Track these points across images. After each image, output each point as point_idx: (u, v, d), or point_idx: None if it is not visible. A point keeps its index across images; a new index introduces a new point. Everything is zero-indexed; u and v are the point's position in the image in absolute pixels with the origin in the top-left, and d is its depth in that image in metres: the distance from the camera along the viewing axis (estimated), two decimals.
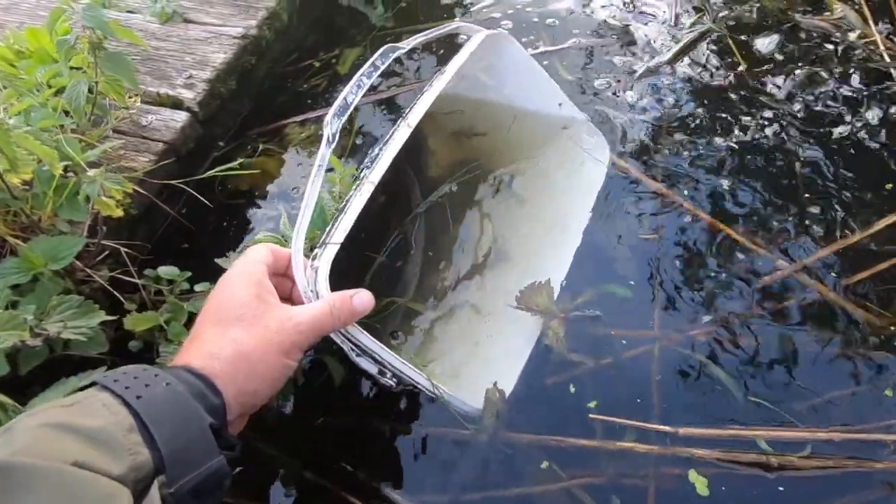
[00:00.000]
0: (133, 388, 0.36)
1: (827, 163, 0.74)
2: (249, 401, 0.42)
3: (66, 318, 0.48)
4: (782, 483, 0.52)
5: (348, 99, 0.51)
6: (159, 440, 0.34)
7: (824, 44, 0.88)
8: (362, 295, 0.48)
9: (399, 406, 0.59)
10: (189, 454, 0.35)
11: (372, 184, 0.51)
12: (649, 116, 0.80)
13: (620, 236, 0.69)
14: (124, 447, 0.33)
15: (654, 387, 0.57)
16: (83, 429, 0.32)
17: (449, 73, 0.58)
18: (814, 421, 0.55)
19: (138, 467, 0.33)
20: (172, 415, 0.36)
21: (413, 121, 0.55)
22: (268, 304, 0.45)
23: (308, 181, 0.49)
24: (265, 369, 0.42)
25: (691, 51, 0.88)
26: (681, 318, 0.62)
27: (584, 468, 0.53)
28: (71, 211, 0.56)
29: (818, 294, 0.63)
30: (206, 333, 0.43)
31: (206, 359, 0.41)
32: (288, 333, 0.43)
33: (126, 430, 0.34)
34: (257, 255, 0.48)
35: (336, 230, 0.49)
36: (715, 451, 0.53)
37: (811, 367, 0.58)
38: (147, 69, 0.77)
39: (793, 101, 0.81)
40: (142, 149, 0.69)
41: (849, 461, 0.52)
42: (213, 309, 0.44)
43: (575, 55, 0.89)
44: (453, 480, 0.54)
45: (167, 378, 0.37)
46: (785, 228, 0.69)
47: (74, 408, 0.34)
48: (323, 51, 0.93)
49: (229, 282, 0.46)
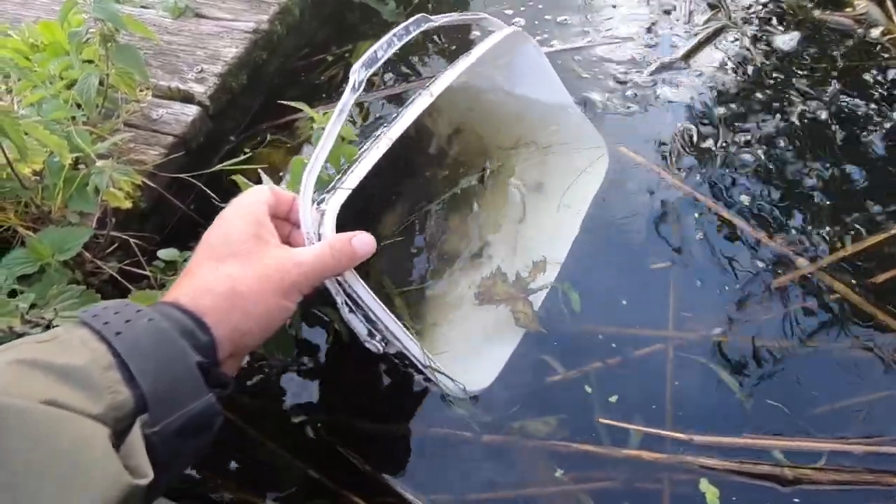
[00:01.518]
0: (112, 323, 0.34)
1: (848, 162, 0.72)
2: (243, 340, 0.40)
3: (65, 307, 0.48)
4: (798, 496, 0.50)
5: (378, 53, 0.51)
6: (140, 378, 0.32)
7: (845, 40, 0.85)
8: (362, 237, 0.45)
9: (402, 404, 0.58)
10: (174, 393, 0.33)
11: (390, 140, 0.50)
12: (663, 113, 0.79)
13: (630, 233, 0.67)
14: (102, 385, 0.31)
15: (668, 391, 0.56)
16: (57, 366, 0.30)
17: (474, 55, 0.58)
18: (831, 430, 0.53)
19: (118, 406, 0.31)
20: (155, 352, 0.33)
21: (436, 90, 0.55)
22: (267, 242, 0.42)
23: (327, 126, 0.48)
24: (262, 309, 0.40)
25: (706, 48, 0.86)
26: (693, 316, 0.60)
27: (592, 471, 0.52)
28: (80, 202, 0.56)
29: (839, 295, 0.61)
30: (198, 269, 0.40)
31: (197, 294, 0.38)
32: (288, 272, 0.41)
33: (104, 367, 0.32)
34: (258, 194, 0.45)
35: (348, 177, 0.48)
36: (727, 462, 0.51)
37: (829, 372, 0.56)
38: (159, 63, 0.77)
39: (812, 98, 0.79)
40: (152, 142, 0.69)
41: (868, 475, 0.50)
42: (207, 245, 0.42)
43: (588, 53, 0.87)
44: (458, 479, 0.53)
45: (150, 314, 0.35)
46: (803, 227, 0.67)
47: (50, 344, 0.32)
48: (335, 46, 0.93)
49: (227, 218, 0.43)
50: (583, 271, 0.65)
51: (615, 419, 0.54)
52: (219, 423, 0.36)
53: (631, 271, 0.65)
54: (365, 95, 0.85)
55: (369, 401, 0.59)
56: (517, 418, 0.55)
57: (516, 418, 0.55)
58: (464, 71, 0.57)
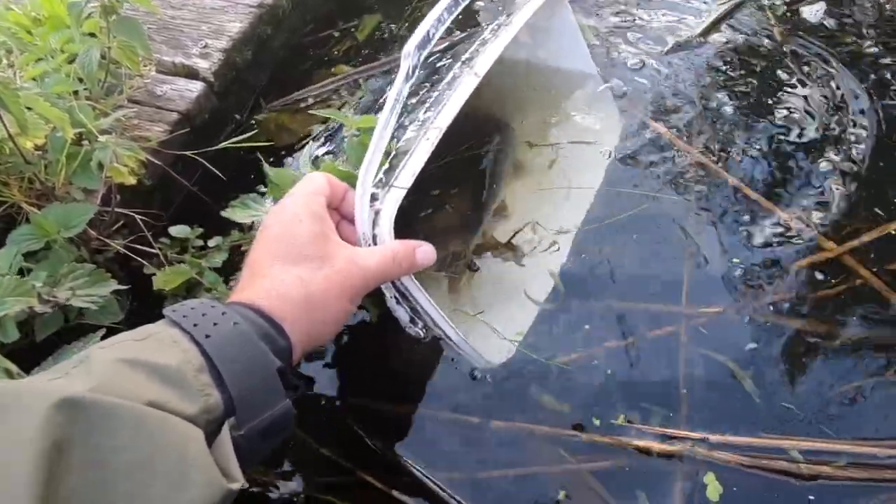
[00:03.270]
0: (202, 325, 0.35)
1: (873, 142, 0.69)
2: (311, 343, 0.41)
3: (77, 287, 0.47)
4: (813, 492, 0.48)
5: (431, 32, 0.48)
6: (228, 382, 0.33)
7: (878, 12, 0.81)
8: (426, 249, 0.46)
9: (416, 387, 0.57)
10: (257, 396, 0.34)
11: (439, 129, 0.48)
12: (682, 88, 0.76)
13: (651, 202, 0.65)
14: (195, 387, 0.32)
15: (680, 383, 0.54)
16: (157, 367, 0.31)
17: (516, 25, 0.55)
18: (849, 430, 0.50)
19: (210, 409, 0.32)
20: (240, 356, 0.34)
21: (481, 70, 0.52)
22: (333, 243, 0.43)
23: (381, 116, 0.46)
24: (329, 314, 0.41)
25: (726, 21, 0.83)
26: (707, 298, 0.59)
27: (599, 456, 0.51)
28: (84, 178, 0.55)
29: (862, 280, 0.59)
30: (269, 269, 0.41)
31: (275, 300, 0.39)
32: (354, 278, 0.42)
33: (196, 369, 0.33)
34: (317, 185, 0.45)
35: (402, 173, 0.46)
36: (738, 455, 0.49)
37: (850, 363, 0.54)
38: (162, 38, 0.76)
39: (838, 75, 0.75)
40: (156, 118, 0.68)
41: (889, 471, 0.48)
42: (273, 242, 0.42)
43: (604, 24, 0.84)
44: (470, 460, 0.52)
45: (234, 317, 0.36)
46: (827, 206, 0.64)
47: (147, 343, 0.33)
48: (341, 20, 0.90)
49: (291, 213, 0.43)
50: (595, 241, 0.63)
51: (628, 404, 0.53)
52: (293, 425, 0.37)
53: (642, 245, 0.63)
54: (357, 72, 0.83)
55: (385, 383, 0.58)
56: (530, 399, 0.54)
57: (529, 399, 0.54)
58: (508, 43, 0.54)
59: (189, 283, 0.56)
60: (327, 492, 0.53)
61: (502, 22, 0.58)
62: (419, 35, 0.47)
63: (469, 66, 0.52)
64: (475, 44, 0.57)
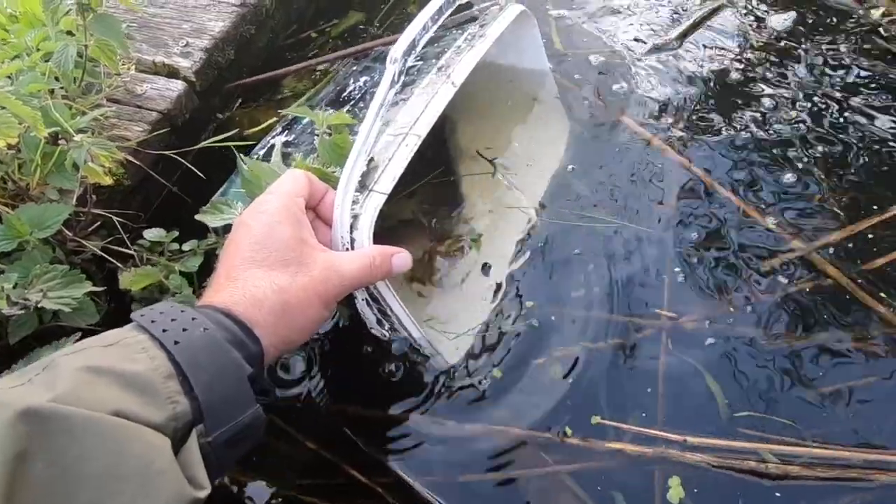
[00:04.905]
0: (171, 331, 0.34)
1: (840, 146, 0.70)
2: (284, 348, 0.41)
3: (49, 288, 0.46)
4: (780, 491, 0.48)
5: (417, 39, 0.48)
6: (197, 389, 0.33)
7: (845, 21, 0.82)
8: (403, 256, 0.46)
9: (396, 391, 0.57)
10: (227, 404, 0.34)
11: (418, 136, 0.49)
12: (656, 93, 0.76)
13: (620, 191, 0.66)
14: (163, 395, 0.32)
15: (659, 387, 0.54)
16: (124, 373, 0.31)
17: (491, 36, 0.57)
18: (818, 427, 0.50)
19: (177, 416, 0.32)
20: (210, 363, 0.34)
21: (458, 80, 0.53)
22: (311, 247, 0.43)
23: (366, 121, 0.46)
24: (304, 320, 0.41)
25: (702, 27, 0.84)
26: (676, 303, 0.59)
27: (577, 458, 0.51)
28: (59, 178, 0.54)
29: (832, 279, 0.59)
30: (245, 273, 0.40)
31: (249, 306, 0.38)
32: (332, 284, 0.42)
33: (164, 376, 0.32)
34: (296, 185, 0.45)
35: (381, 178, 0.46)
36: (707, 456, 0.50)
37: (819, 363, 0.54)
38: (143, 37, 0.75)
39: (807, 81, 0.76)
40: (136, 118, 0.67)
41: (852, 470, 0.48)
42: (251, 244, 0.41)
43: (577, 28, 0.85)
44: (451, 463, 0.52)
45: (205, 322, 0.36)
46: (795, 207, 0.65)
47: (114, 349, 0.33)
48: (323, 20, 0.90)
49: (270, 215, 0.42)
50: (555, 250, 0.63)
51: (606, 412, 0.53)
52: (263, 431, 0.36)
53: (613, 246, 0.63)
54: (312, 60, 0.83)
55: (362, 385, 0.58)
56: (508, 404, 0.54)
57: (507, 404, 0.54)
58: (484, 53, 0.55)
59: (161, 285, 0.55)
60: (309, 492, 0.52)
61: (476, 32, 0.59)
62: (405, 41, 0.48)
63: (445, 73, 0.53)
64: (449, 50, 0.58)
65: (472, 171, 0.71)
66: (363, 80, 0.75)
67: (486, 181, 0.70)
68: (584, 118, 0.74)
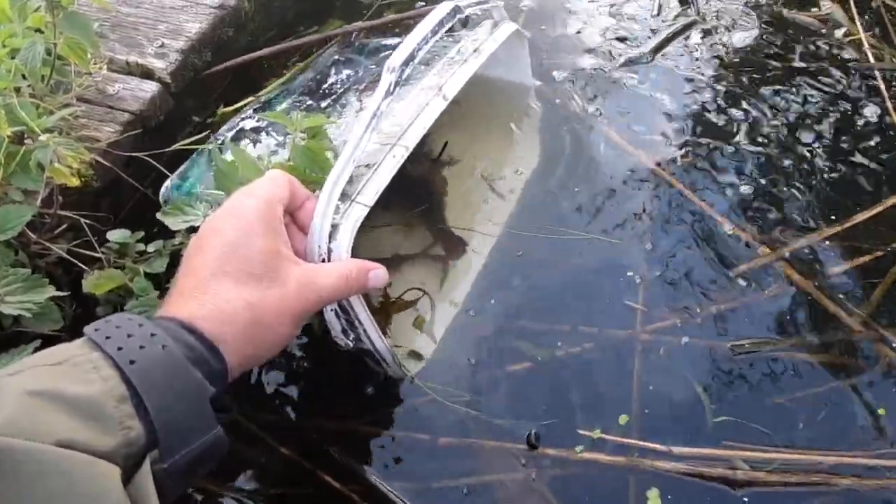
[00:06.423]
0: (126, 349, 0.32)
1: (802, 159, 0.71)
2: (249, 365, 0.39)
3: (9, 292, 0.45)
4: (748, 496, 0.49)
5: (416, 51, 0.48)
6: (153, 412, 0.31)
7: (809, 41, 0.85)
8: (380, 272, 0.45)
9: (370, 402, 0.56)
10: (184, 428, 0.32)
11: (406, 148, 0.48)
12: (628, 104, 0.77)
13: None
14: (115, 419, 0.30)
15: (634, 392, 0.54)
16: (72, 398, 0.29)
17: (484, 53, 0.58)
18: (785, 434, 0.51)
19: (130, 442, 0.30)
20: (168, 385, 0.32)
21: (450, 94, 0.53)
22: (286, 260, 0.40)
23: (355, 131, 0.45)
24: (273, 337, 0.39)
25: (673, 42, 0.85)
26: (653, 306, 0.59)
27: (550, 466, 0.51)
28: (23, 179, 0.53)
29: (796, 286, 0.60)
30: (213, 285, 0.37)
31: (215, 321, 0.36)
32: (307, 301, 0.40)
33: (117, 399, 0.30)
34: (276, 190, 0.42)
35: (365, 189, 0.45)
36: (680, 465, 0.50)
37: (785, 370, 0.55)
38: (116, 36, 0.73)
39: (772, 97, 0.78)
40: (107, 118, 0.65)
41: (815, 475, 0.49)
42: (219, 253, 0.38)
43: (550, 40, 0.85)
44: (424, 471, 0.51)
45: (164, 339, 0.33)
46: (762, 216, 0.66)
47: (62, 368, 0.31)
48: (303, 26, 0.89)
49: (246, 223, 0.39)
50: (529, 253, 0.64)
51: (580, 420, 0.53)
52: (224, 451, 0.34)
53: (584, 255, 0.64)
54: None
55: (335, 395, 0.57)
56: (480, 410, 0.54)
57: (478, 410, 0.54)
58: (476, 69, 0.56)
59: (127, 288, 0.53)
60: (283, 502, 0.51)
61: (469, 47, 0.59)
62: (405, 52, 0.47)
63: (440, 90, 0.53)
64: (441, 60, 0.58)
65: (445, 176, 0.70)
66: (346, 74, 0.73)
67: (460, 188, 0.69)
68: (557, 129, 0.75)
